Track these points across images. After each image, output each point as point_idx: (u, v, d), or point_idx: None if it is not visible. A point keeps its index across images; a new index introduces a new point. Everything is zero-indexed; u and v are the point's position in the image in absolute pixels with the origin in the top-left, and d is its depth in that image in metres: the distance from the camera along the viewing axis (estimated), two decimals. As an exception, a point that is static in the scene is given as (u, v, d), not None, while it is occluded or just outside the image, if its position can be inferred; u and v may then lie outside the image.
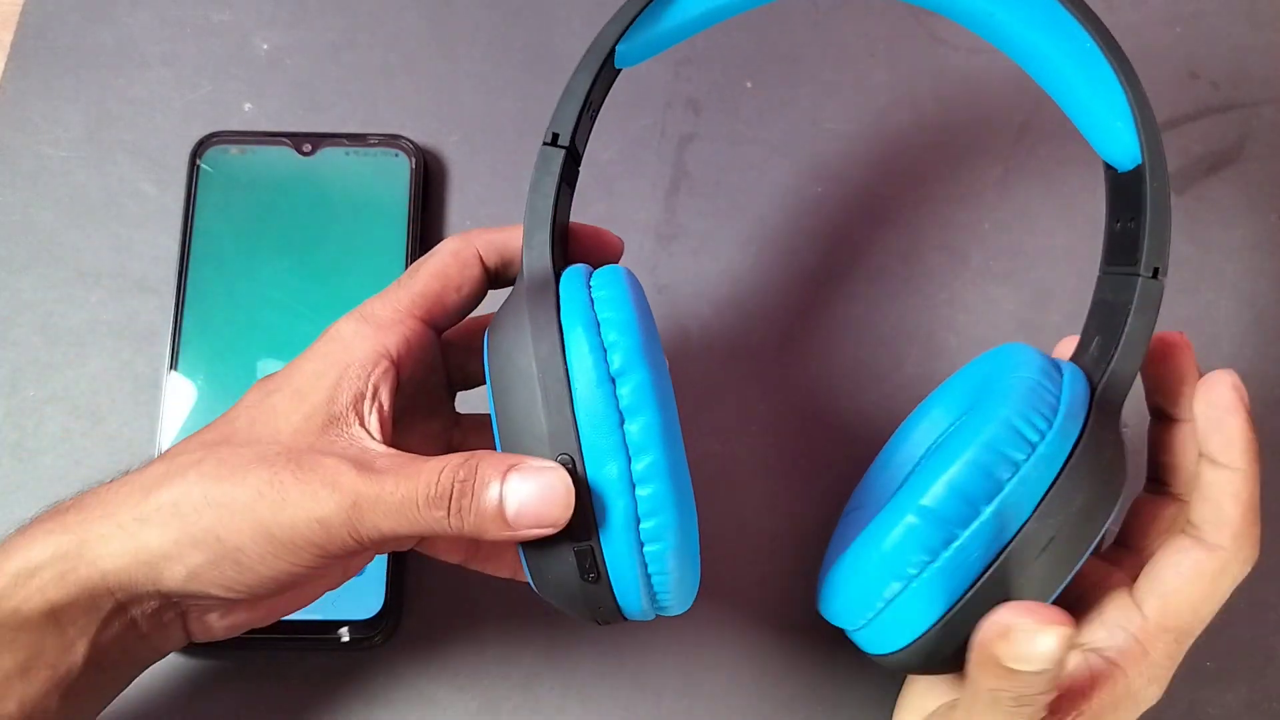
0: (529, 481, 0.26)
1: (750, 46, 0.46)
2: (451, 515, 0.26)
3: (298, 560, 0.27)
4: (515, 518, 0.26)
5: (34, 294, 0.41)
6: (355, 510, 0.26)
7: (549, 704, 0.37)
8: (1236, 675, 0.39)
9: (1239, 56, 0.47)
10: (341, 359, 0.29)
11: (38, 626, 0.27)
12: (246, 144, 0.42)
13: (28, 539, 0.28)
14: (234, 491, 0.27)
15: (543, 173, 0.30)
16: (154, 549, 0.27)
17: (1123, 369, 0.29)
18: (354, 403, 0.29)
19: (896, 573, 0.28)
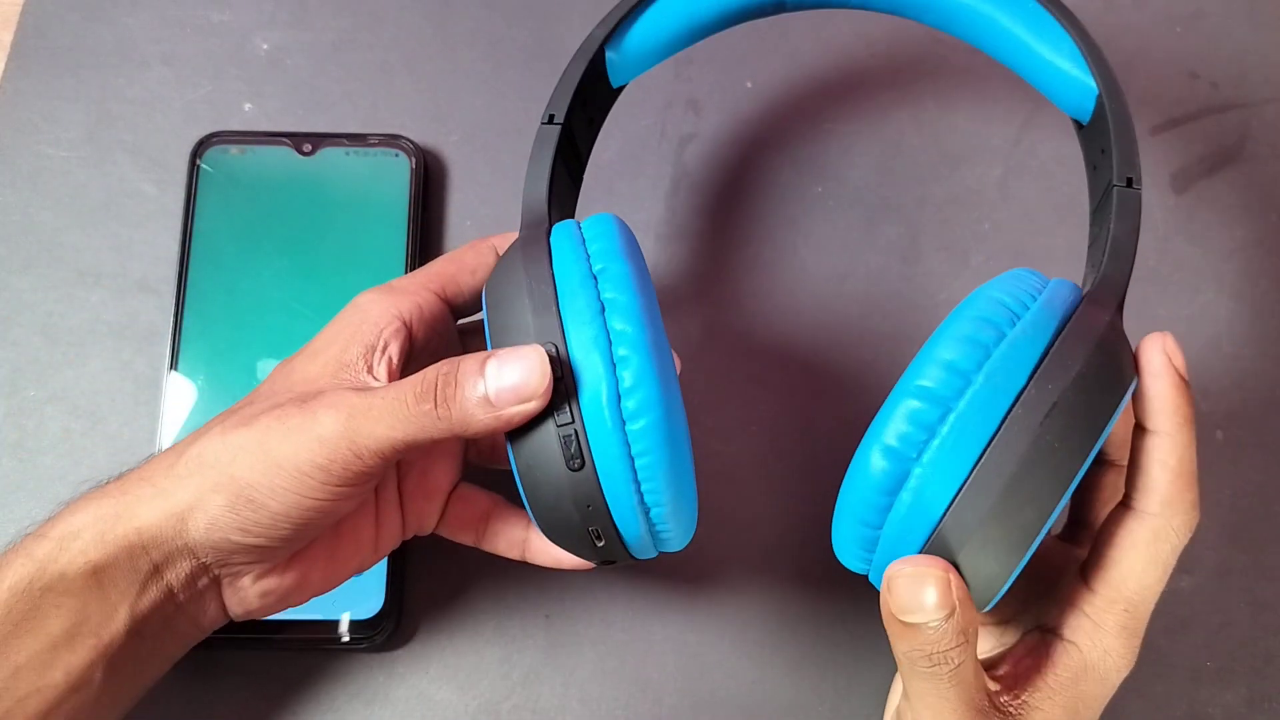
0: (507, 363, 0.27)
1: (750, 46, 0.46)
2: (439, 406, 0.28)
3: (304, 489, 0.28)
4: (496, 395, 0.27)
5: (34, 294, 0.41)
6: (350, 420, 0.28)
7: (549, 704, 0.37)
8: (1237, 675, 0.39)
9: (1239, 57, 0.47)
10: (356, 319, 0.31)
11: (81, 589, 0.28)
12: (246, 144, 0.42)
13: (71, 510, 0.29)
14: (247, 433, 0.29)
15: (539, 147, 0.32)
16: (181, 501, 0.28)
17: (1111, 271, 0.29)
18: (364, 354, 0.31)
19: (901, 457, 0.26)
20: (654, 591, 0.39)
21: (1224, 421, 0.42)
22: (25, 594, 0.27)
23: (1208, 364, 0.42)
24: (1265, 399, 0.42)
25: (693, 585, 0.39)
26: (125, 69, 0.45)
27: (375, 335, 0.31)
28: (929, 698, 0.28)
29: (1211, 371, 0.42)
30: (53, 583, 0.28)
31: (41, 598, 0.28)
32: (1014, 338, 0.26)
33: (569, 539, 0.29)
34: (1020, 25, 0.33)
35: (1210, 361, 0.42)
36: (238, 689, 0.37)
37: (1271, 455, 0.41)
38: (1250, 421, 0.42)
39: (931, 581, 0.26)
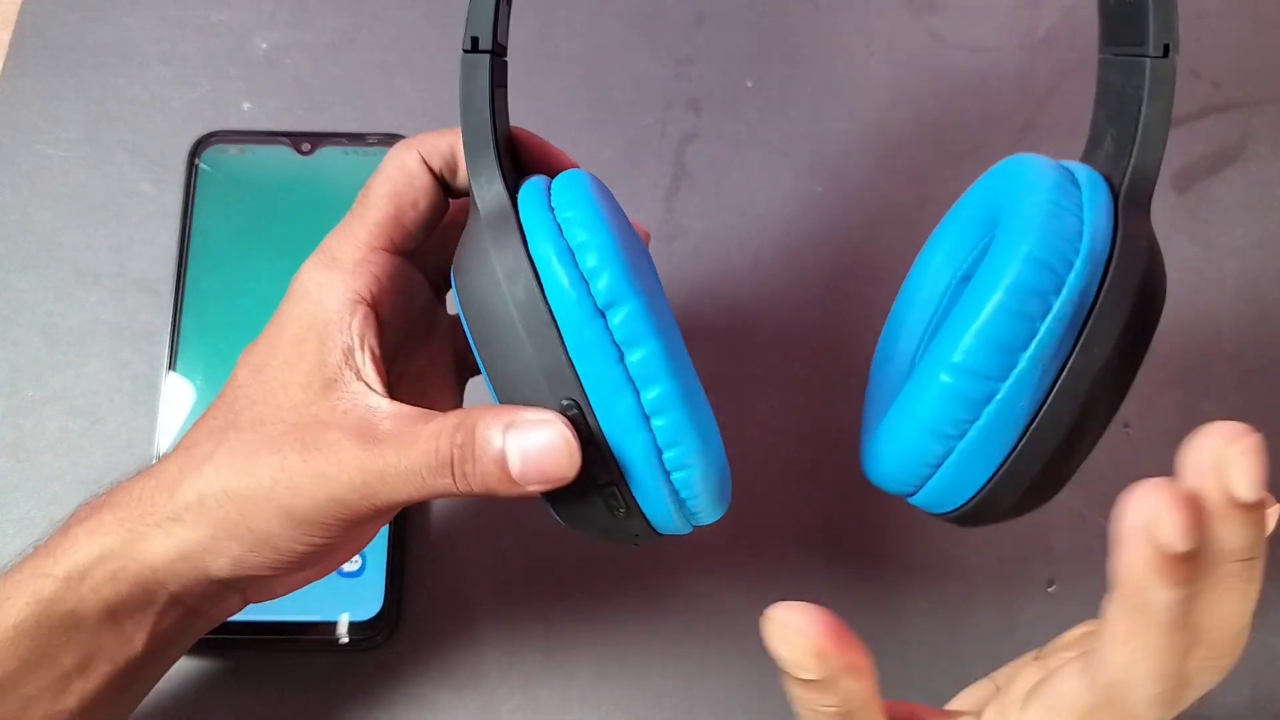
0: (528, 437, 0.25)
1: (750, 46, 0.46)
2: (458, 480, 0.26)
3: (329, 534, 0.27)
4: (521, 476, 0.25)
5: (33, 294, 0.41)
6: (366, 487, 0.26)
7: (549, 705, 0.37)
8: (1238, 676, 0.38)
9: (1241, 56, 0.47)
10: (318, 317, 0.28)
11: (95, 626, 0.27)
12: (245, 143, 0.42)
13: (70, 540, 0.28)
14: (249, 482, 0.27)
15: (471, 85, 0.27)
16: (193, 545, 0.27)
17: (1144, 162, 0.26)
18: (344, 359, 0.28)
19: (939, 436, 0.26)
20: (654, 592, 0.39)
21: (1225, 422, 0.42)
22: (32, 633, 0.27)
23: (1209, 364, 0.42)
24: (1267, 400, 0.42)
25: (693, 585, 0.39)
26: (124, 68, 0.45)
27: (346, 334, 0.28)
28: None
29: (1213, 372, 0.42)
30: (62, 620, 0.27)
31: (50, 635, 0.27)
32: (1059, 312, 0.25)
33: (607, 541, 0.28)
34: None
35: (1212, 362, 0.42)
36: (237, 690, 0.37)
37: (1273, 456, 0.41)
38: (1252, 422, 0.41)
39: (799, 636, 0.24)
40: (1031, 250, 0.25)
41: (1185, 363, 0.42)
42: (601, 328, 0.25)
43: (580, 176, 0.27)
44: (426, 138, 0.30)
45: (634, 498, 0.26)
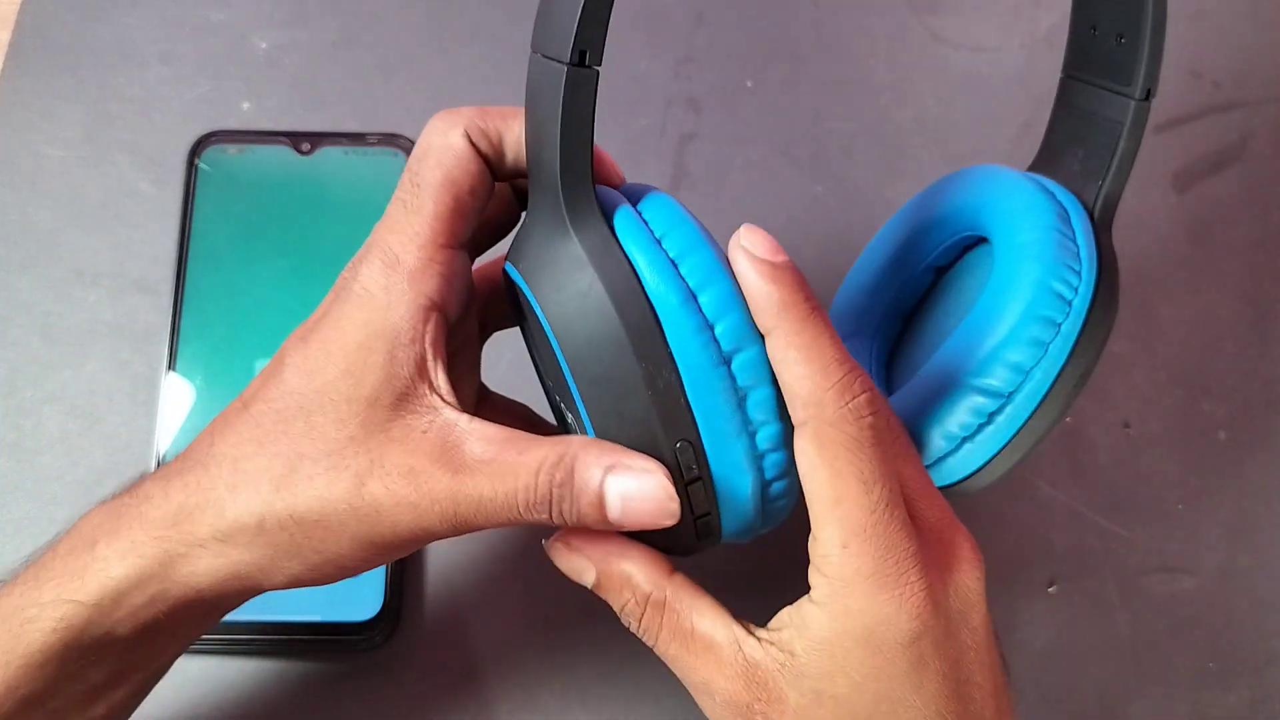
0: (630, 484, 0.25)
1: (750, 46, 0.46)
2: (554, 516, 0.25)
3: (399, 554, 0.27)
4: (619, 522, 0.25)
5: (32, 294, 0.41)
6: (457, 518, 0.25)
7: (549, 706, 0.37)
8: (1239, 676, 0.39)
9: (1241, 56, 0.47)
10: (386, 325, 0.26)
11: (128, 644, 0.26)
12: (245, 143, 0.42)
13: (99, 562, 0.25)
14: (320, 509, 0.25)
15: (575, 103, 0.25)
16: (248, 566, 0.25)
17: (1114, 191, 0.30)
18: (417, 372, 0.26)
19: (949, 436, 0.29)
20: (654, 592, 0.39)
21: (1226, 422, 0.41)
22: (60, 658, 0.25)
23: (1210, 364, 0.42)
24: (1268, 399, 0.42)
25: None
26: (124, 68, 0.45)
27: (419, 345, 0.26)
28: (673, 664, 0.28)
29: (1214, 371, 0.42)
30: (94, 643, 0.26)
31: (81, 657, 0.26)
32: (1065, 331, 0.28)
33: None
34: None
35: (1213, 361, 0.42)
36: (237, 690, 0.37)
37: (1274, 456, 0.41)
38: (1253, 422, 0.42)
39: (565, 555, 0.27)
40: (1044, 279, 0.28)
41: (1185, 363, 0.42)
42: (725, 374, 0.25)
43: (678, 212, 0.27)
44: (466, 114, 0.28)
45: (722, 526, 0.27)
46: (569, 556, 0.27)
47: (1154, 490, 0.40)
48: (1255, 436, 0.41)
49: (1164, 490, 0.41)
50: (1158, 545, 0.40)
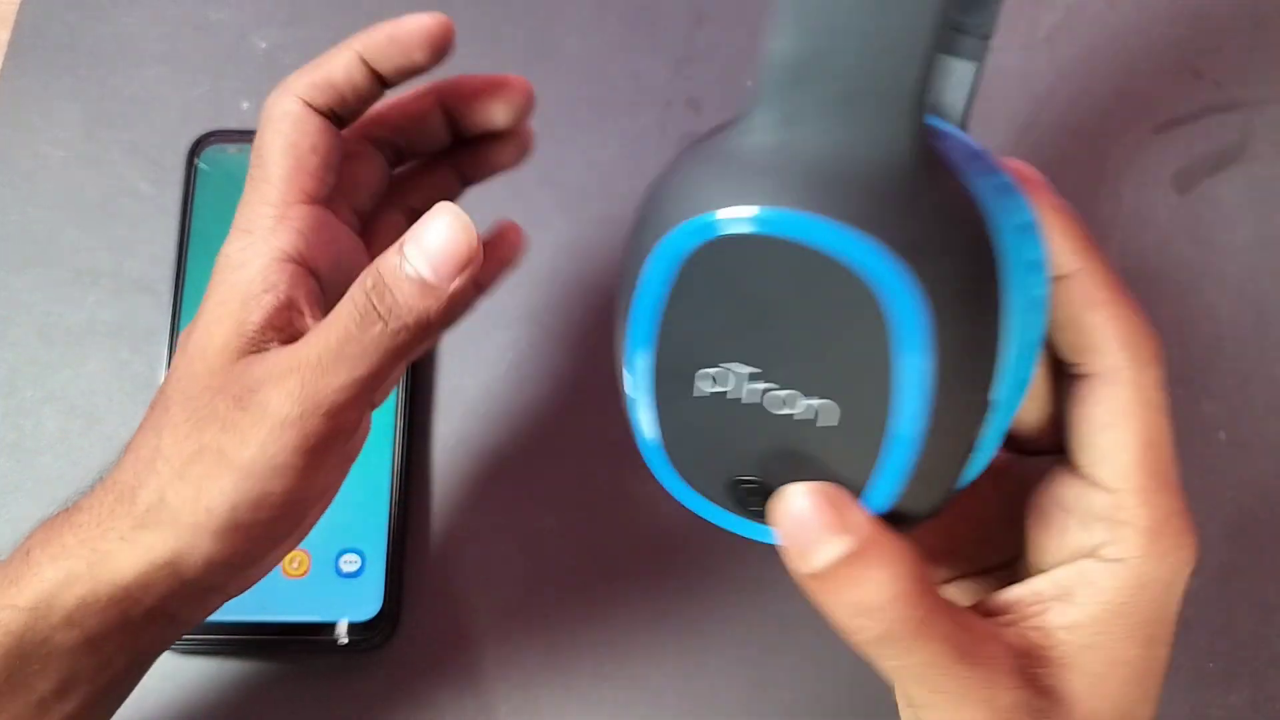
0: (422, 234, 0.25)
1: (750, 46, 0.46)
2: (387, 319, 0.25)
3: (289, 481, 0.25)
4: (435, 274, 0.25)
5: (31, 293, 0.41)
6: (305, 388, 0.25)
7: (548, 705, 0.37)
8: (1239, 676, 0.39)
9: (1242, 55, 0.47)
10: (239, 280, 0.26)
11: (70, 652, 0.26)
12: (244, 143, 0.42)
13: (32, 568, 0.26)
14: (199, 456, 0.25)
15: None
16: (161, 550, 0.26)
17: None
18: (269, 319, 0.26)
19: None
20: (654, 592, 0.39)
21: (1226, 422, 0.41)
22: (2, 666, 0.25)
23: (1210, 364, 0.42)
24: (1267, 399, 0.42)
25: (692, 586, 0.39)
26: (123, 67, 0.45)
27: (272, 294, 0.26)
28: (903, 675, 0.22)
29: (1214, 372, 0.42)
30: (35, 649, 0.25)
31: (24, 664, 0.25)
32: None
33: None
34: None
35: (1213, 362, 0.42)
36: (237, 691, 0.37)
37: (1275, 456, 0.41)
38: (1253, 422, 0.42)
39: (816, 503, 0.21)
40: None
41: (1185, 363, 0.42)
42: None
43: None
44: (293, 77, 0.29)
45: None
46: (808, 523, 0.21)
47: (1154, 490, 0.40)
48: (1255, 436, 0.41)
49: (1164, 490, 0.41)
50: (1158, 545, 0.40)
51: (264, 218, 0.27)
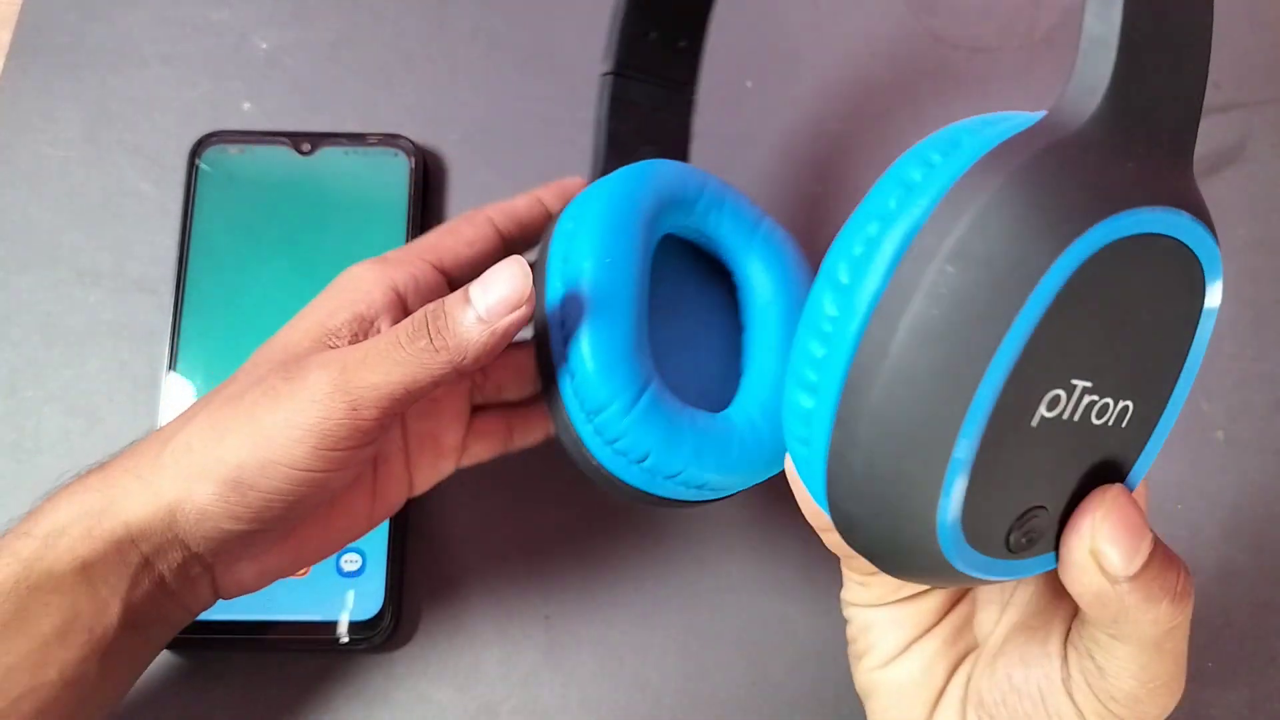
0: (488, 279, 0.27)
1: (750, 46, 0.46)
2: (434, 338, 0.27)
3: (296, 459, 0.27)
4: (487, 312, 0.27)
5: (32, 294, 0.41)
6: (344, 373, 0.27)
7: (549, 705, 0.37)
8: (1239, 676, 0.39)
9: (1240, 56, 0.47)
10: (348, 286, 0.31)
11: (71, 586, 0.27)
12: (245, 143, 0.42)
13: (54, 502, 0.28)
14: (233, 411, 0.28)
15: (599, 100, 0.33)
16: (168, 492, 0.27)
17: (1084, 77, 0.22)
18: (351, 321, 0.30)
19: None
20: (654, 592, 0.39)
21: (1225, 422, 0.42)
22: (12, 594, 0.27)
23: (1209, 364, 0.42)
24: (1267, 399, 0.42)
25: (692, 585, 0.39)
26: (124, 68, 0.45)
27: (365, 304, 0.30)
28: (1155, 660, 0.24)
29: (1213, 371, 0.42)
30: (40, 581, 0.27)
31: (30, 596, 0.27)
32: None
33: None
34: None
35: (1212, 361, 0.42)
36: (236, 691, 0.37)
37: (1273, 456, 0.41)
38: (1252, 422, 0.42)
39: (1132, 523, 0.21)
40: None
41: (1185, 363, 0.42)
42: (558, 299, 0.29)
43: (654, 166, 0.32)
44: (502, 205, 0.34)
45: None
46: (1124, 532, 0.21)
47: (1153, 490, 0.40)
48: (1254, 437, 0.41)
49: (1163, 490, 0.41)
50: (1157, 545, 0.40)
51: (395, 256, 0.32)
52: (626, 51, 0.32)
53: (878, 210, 0.20)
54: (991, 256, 0.19)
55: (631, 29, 0.32)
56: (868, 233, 0.20)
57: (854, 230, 0.21)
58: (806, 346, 0.21)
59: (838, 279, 0.21)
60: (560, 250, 0.30)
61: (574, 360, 0.29)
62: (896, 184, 0.20)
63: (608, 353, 0.29)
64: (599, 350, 0.29)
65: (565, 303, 0.29)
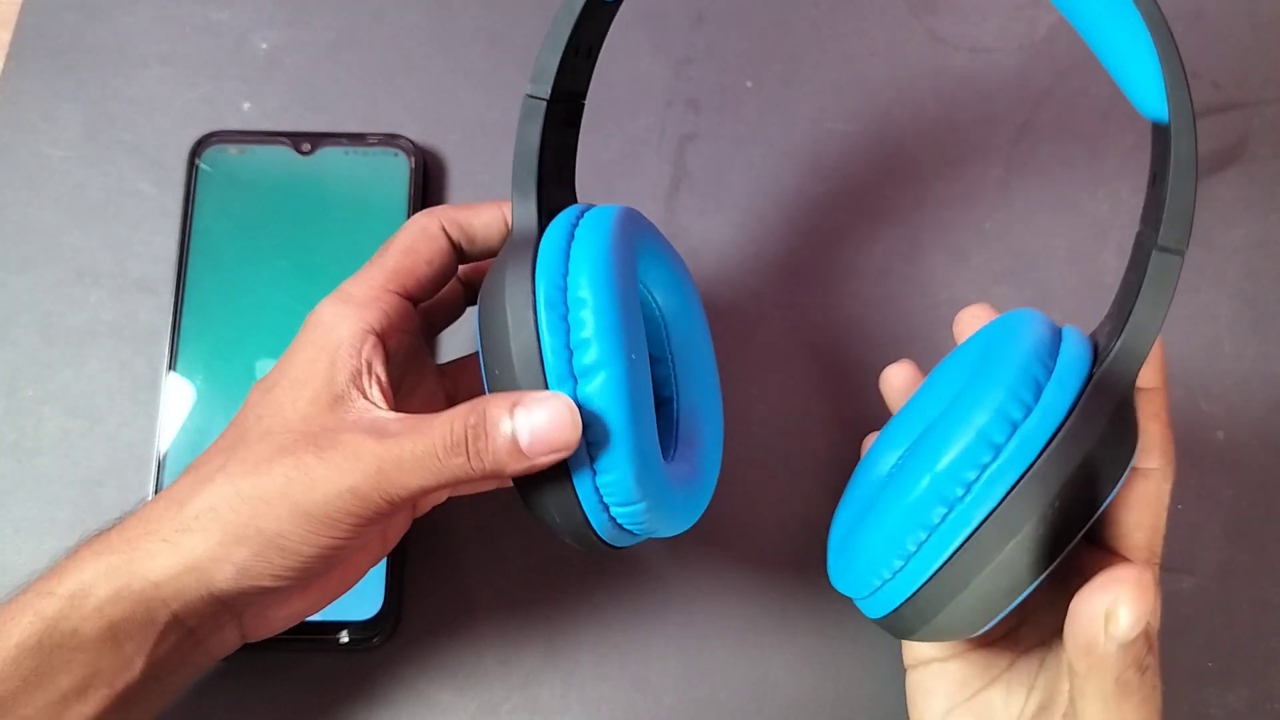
0: (534, 412, 0.27)
1: (751, 45, 0.46)
2: (471, 458, 0.28)
3: (337, 533, 0.28)
4: (530, 447, 0.27)
5: (32, 294, 0.41)
6: (381, 475, 0.27)
7: (549, 705, 0.37)
8: (1238, 675, 0.39)
9: (1240, 56, 0.47)
10: (329, 341, 0.30)
11: (95, 646, 0.27)
12: (245, 143, 0.42)
13: (77, 561, 0.28)
14: (264, 482, 0.28)
15: (524, 125, 0.30)
16: (200, 554, 0.28)
17: (1130, 348, 0.28)
18: (352, 379, 0.30)
19: (898, 551, 0.28)
20: (654, 592, 0.39)
21: (1225, 422, 0.42)
22: (35, 651, 0.27)
23: (1209, 364, 0.42)
24: (1266, 399, 0.42)
25: (692, 586, 0.39)
26: (124, 68, 0.45)
27: (355, 358, 0.30)
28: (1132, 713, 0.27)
29: (1212, 372, 0.42)
30: (64, 640, 0.27)
31: (51, 654, 0.27)
32: (1009, 454, 0.27)
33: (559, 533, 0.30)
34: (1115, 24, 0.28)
35: (1211, 362, 0.42)
36: (237, 690, 0.37)
37: (1273, 455, 0.41)
38: (1251, 422, 0.42)
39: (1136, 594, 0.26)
40: (993, 399, 0.27)
41: (1185, 363, 0.42)
42: (570, 394, 0.27)
43: (606, 215, 0.30)
44: (451, 209, 0.33)
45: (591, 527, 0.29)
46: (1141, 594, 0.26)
47: (1153, 490, 0.40)
48: (1254, 436, 0.41)
49: (1163, 490, 0.41)
50: (1157, 545, 0.40)
51: (361, 294, 0.31)
52: (561, 73, 0.31)
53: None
54: None
55: (572, 45, 0.31)
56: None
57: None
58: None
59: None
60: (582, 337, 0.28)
61: (607, 462, 0.28)
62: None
63: (642, 457, 0.28)
64: (637, 456, 0.28)
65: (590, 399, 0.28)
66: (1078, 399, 0.27)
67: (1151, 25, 0.27)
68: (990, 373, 0.28)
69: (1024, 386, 0.27)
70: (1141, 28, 0.27)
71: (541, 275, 0.28)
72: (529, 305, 0.28)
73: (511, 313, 0.28)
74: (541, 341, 0.27)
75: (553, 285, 0.28)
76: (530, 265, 0.28)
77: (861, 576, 0.30)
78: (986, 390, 0.27)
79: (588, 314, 0.28)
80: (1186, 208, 0.27)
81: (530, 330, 0.27)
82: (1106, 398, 0.27)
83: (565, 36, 0.30)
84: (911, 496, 0.28)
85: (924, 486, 0.27)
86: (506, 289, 0.28)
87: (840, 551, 0.32)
